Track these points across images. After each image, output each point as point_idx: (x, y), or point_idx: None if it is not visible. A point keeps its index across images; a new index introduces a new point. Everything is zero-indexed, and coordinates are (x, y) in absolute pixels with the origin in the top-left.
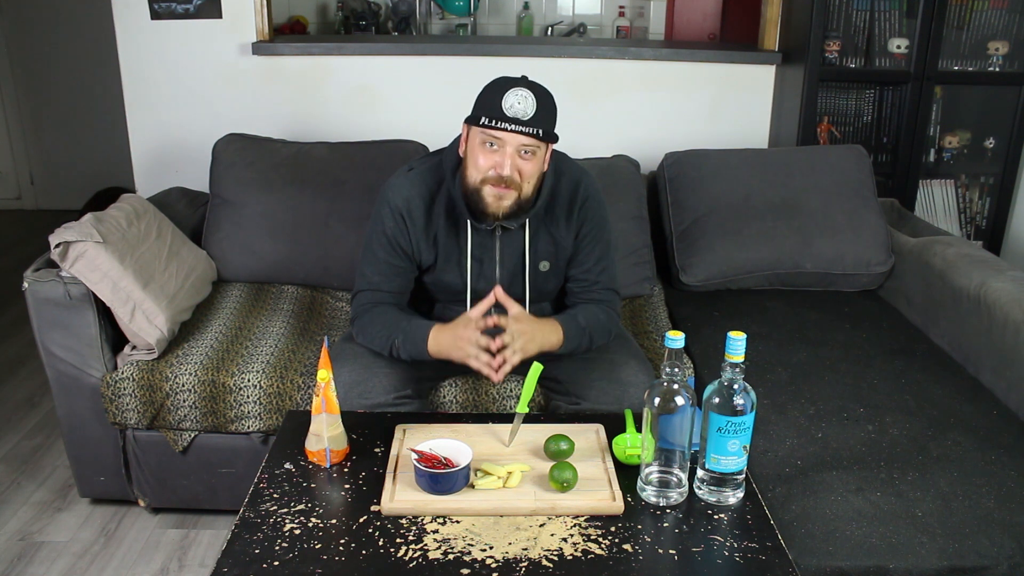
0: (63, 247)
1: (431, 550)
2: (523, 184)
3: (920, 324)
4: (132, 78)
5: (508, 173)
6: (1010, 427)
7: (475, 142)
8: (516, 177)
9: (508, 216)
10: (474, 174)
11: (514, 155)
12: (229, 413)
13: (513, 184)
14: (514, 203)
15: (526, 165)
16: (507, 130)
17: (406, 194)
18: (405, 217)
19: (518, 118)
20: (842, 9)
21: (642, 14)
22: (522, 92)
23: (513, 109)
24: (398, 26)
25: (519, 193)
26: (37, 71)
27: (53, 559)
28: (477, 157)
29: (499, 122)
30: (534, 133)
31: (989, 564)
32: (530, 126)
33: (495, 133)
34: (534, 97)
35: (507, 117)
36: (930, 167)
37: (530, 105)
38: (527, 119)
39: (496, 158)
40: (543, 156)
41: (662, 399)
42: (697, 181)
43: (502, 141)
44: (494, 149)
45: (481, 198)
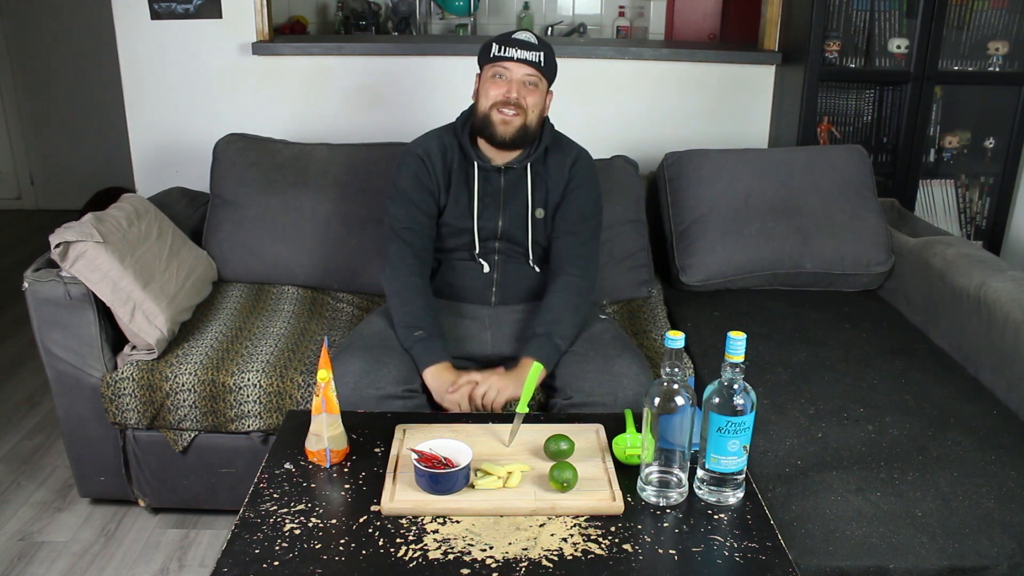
0: (63, 247)
1: (431, 550)
2: (528, 112)
3: (920, 324)
4: (132, 78)
5: (514, 95)
6: (1010, 427)
7: (486, 77)
8: (522, 102)
9: (515, 140)
10: (484, 103)
11: (520, 83)
12: (229, 413)
13: (520, 108)
14: (520, 127)
15: (530, 94)
16: (514, 58)
17: (425, 145)
18: (425, 160)
19: (524, 44)
20: (842, 9)
21: (642, 14)
22: (526, 32)
23: (519, 40)
24: (398, 26)
25: (524, 120)
26: (37, 71)
27: (53, 559)
28: (488, 89)
29: (507, 48)
30: (537, 60)
31: (989, 564)
32: (534, 51)
33: (503, 65)
34: (538, 40)
35: (516, 41)
36: (930, 167)
37: (534, 42)
38: (532, 47)
39: (504, 86)
40: (544, 94)
41: (662, 399)
42: (697, 181)
43: (508, 71)
44: (502, 79)
45: (491, 121)
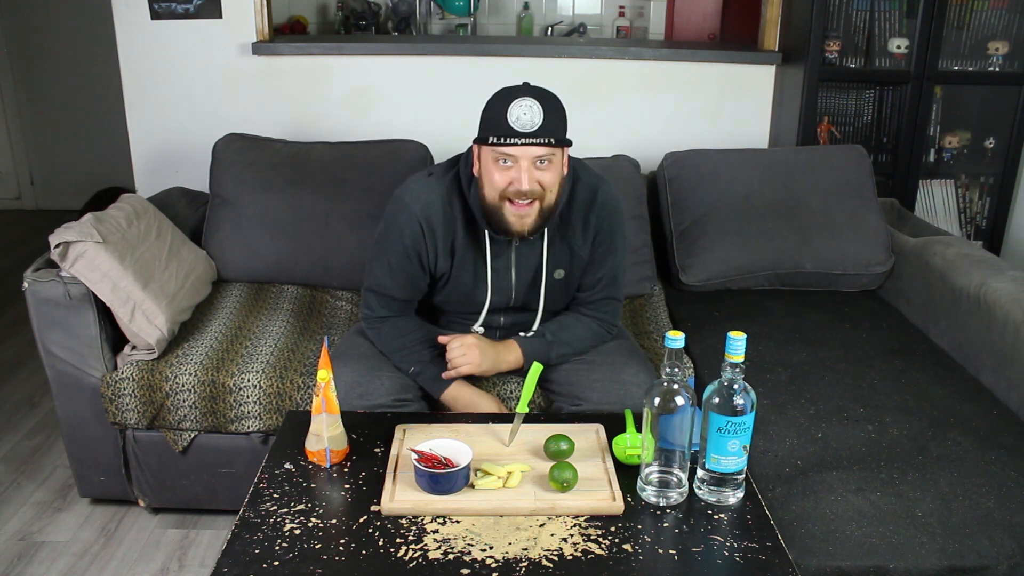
0: (63, 247)
1: (431, 550)
2: (546, 193)
3: (920, 324)
4: (132, 78)
5: (527, 188)
6: (1010, 427)
7: (487, 160)
8: (537, 188)
9: (534, 231)
10: (491, 192)
11: (530, 168)
12: (229, 413)
13: (535, 195)
14: (538, 217)
15: (545, 175)
16: (518, 144)
17: (426, 200)
18: (424, 225)
19: (526, 130)
20: (842, 9)
21: (642, 14)
22: (527, 102)
23: (520, 121)
24: (398, 26)
25: (542, 203)
26: (37, 71)
27: (53, 559)
28: (492, 175)
29: (508, 138)
30: (546, 142)
31: (989, 564)
32: (541, 136)
33: (506, 150)
34: (540, 105)
35: (515, 131)
36: (930, 167)
37: (537, 114)
38: (536, 129)
39: (512, 174)
40: (560, 162)
41: (662, 399)
42: (697, 181)
43: (515, 156)
44: (508, 166)
45: (503, 217)
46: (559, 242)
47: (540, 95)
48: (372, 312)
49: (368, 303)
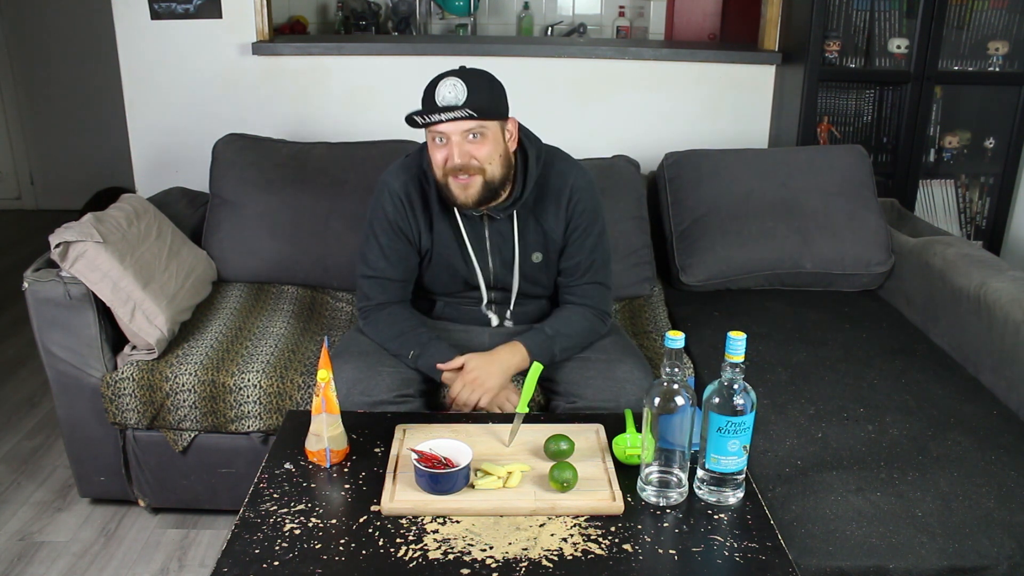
0: (63, 247)
1: (431, 550)
2: (484, 167)
3: (920, 324)
4: (132, 78)
5: (460, 161)
6: (1010, 427)
7: (428, 141)
8: (472, 163)
9: (481, 201)
10: (436, 171)
11: (460, 143)
12: (229, 413)
13: (472, 170)
14: (482, 188)
15: (478, 148)
16: (442, 120)
17: (403, 178)
18: (403, 201)
19: (448, 105)
20: (842, 9)
21: (642, 14)
22: (451, 80)
23: (444, 99)
24: (398, 26)
25: (483, 176)
26: (37, 71)
27: (53, 559)
28: (433, 154)
29: (430, 115)
30: (465, 116)
31: (989, 564)
32: (461, 109)
33: (436, 128)
34: (463, 82)
35: (437, 107)
36: (930, 167)
37: (461, 91)
38: (458, 103)
39: (444, 150)
40: (498, 136)
41: (662, 399)
42: (697, 181)
43: (445, 133)
44: (443, 144)
45: (450, 191)
46: (533, 225)
47: (467, 73)
48: (369, 301)
49: (364, 292)
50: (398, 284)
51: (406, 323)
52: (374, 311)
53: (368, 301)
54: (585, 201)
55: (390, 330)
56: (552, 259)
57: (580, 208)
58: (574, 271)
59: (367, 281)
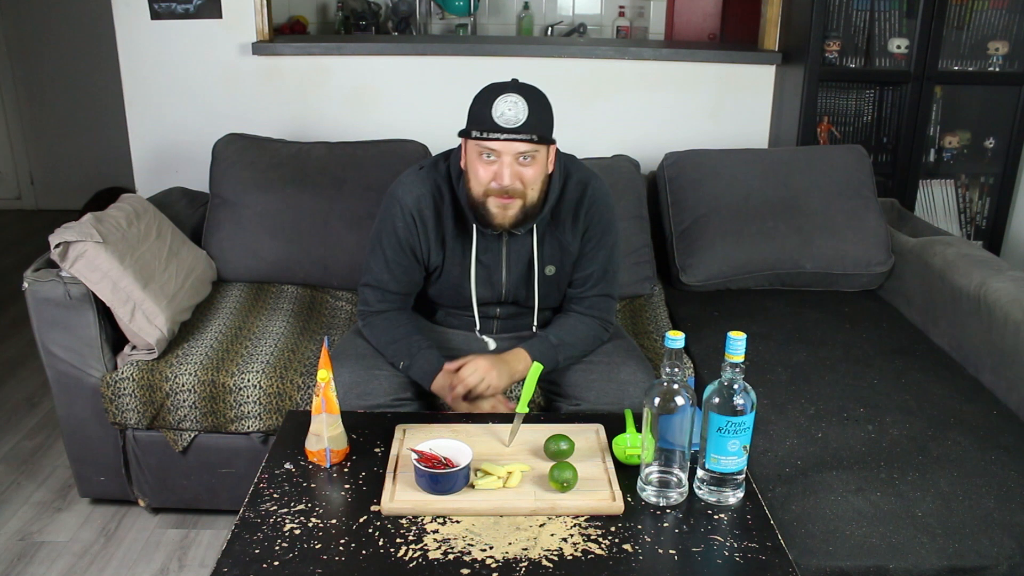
0: (63, 247)
1: (431, 550)
2: (527, 191)
3: (920, 324)
4: (132, 78)
5: (508, 183)
6: (1010, 427)
7: (472, 154)
8: (518, 185)
9: (516, 225)
10: (476, 187)
11: (512, 163)
12: (229, 413)
13: (516, 193)
14: (520, 211)
15: (527, 171)
16: (499, 139)
17: (417, 192)
18: (415, 217)
19: (509, 126)
20: (842, 9)
21: (642, 14)
22: (511, 98)
23: (504, 117)
24: (398, 26)
25: (524, 200)
26: (37, 71)
27: (53, 559)
28: (477, 169)
29: (490, 133)
30: (527, 139)
31: (989, 564)
32: (522, 132)
33: (489, 144)
34: (524, 101)
35: (498, 126)
36: (930, 167)
37: (521, 110)
38: (519, 125)
39: (494, 169)
40: (544, 159)
41: (662, 399)
42: (697, 181)
43: (497, 152)
44: (491, 160)
45: (487, 210)
46: (549, 238)
47: (526, 92)
48: (368, 307)
49: (365, 298)
50: (399, 296)
51: (401, 330)
52: (372, 316)
53: (367, 307)
54: (602, 212)
55: (385, 336)
56: (566, 271)
57: (597, 219)
58: (584, 282)
59: (368, 289)
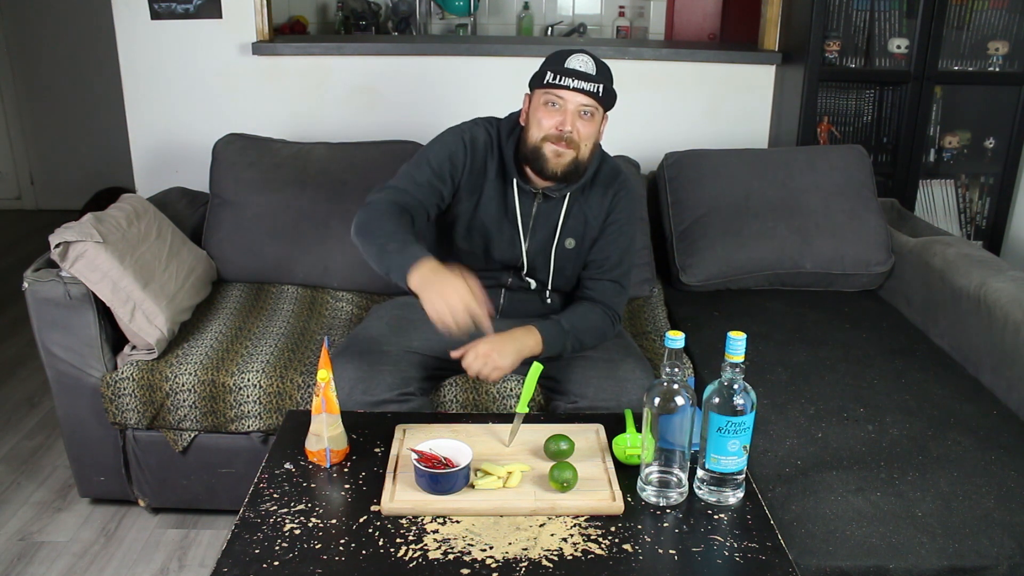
0: (63, 247)
1: (431, 550)
2: (581, 144)
3: (920, 324)
4: (132, 78)
5: (569, 128)
6: (1010, 427)
7: (538, 103)
8: (575, 136)
9: (566, 175)
10: (536, 132)
11: (574, 114)
12: (229, 413)
13: (572, 142)
14: (572, 162)
15: (585, 127)
16: (570, 87)
17: (476, 133)
18: (468, 147)
19: (582, 73)
20: (842, 9)
21: (642, 14)
22: (584, 57)
23: (577, 69)
24: (398, 26)
25: (577, 153)
26: (37, 71)
27: (53, 559)
28: (540, 117)
29: (563, 78)
30: (595, 91)
31: (989, 564)
32: (591, 85)
33: (558, 93)
34: (594, 62)
35: (571, 72)
36: (930, 167)
37: (591, 67)
38: (590, 76)
39: (558, 116)
40: (599, 121)
41: (662, 399)
42: (697, 181)
43: (564, 100)
44: (556, 108)
45: (542, 154)
46: (576, 210)
47: (598, 59)
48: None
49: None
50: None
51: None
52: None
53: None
54: (629, 199)
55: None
56: (584, 248)
57: (623, 203)
58: (601, 264)
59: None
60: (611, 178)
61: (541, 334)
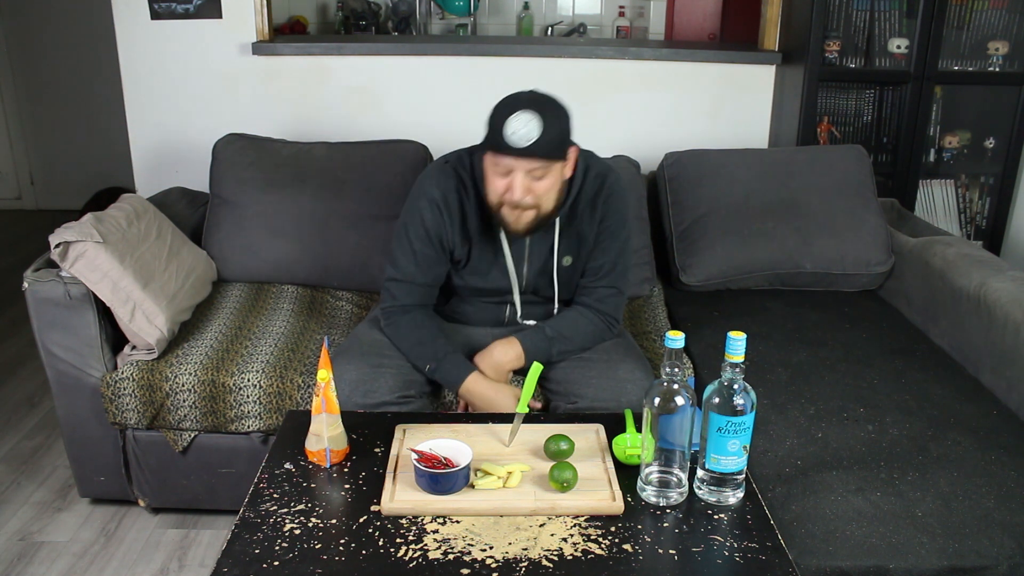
0: (63, 247)
1: (431, 550)
2: (540, 202)
3: (920, 324)
4: (132, 78)
5: (519, 197)
6: (1010, 427)
7: (488, 164)
8: (530, 199)
9: (531, 231)
10: (491, 195)
11: (524, 178)
12: (229, 413)
13: (528, 205)
14: (534, 220)
15: (539, 184)
16: (512, 156)
17: (444, 186)
18: (442, 208)
19: (520, 145)
20: (842, 9)
21: (642, 14)
22: (525, 116)
23: (517, 135)
24: (398, 26)
25: (538, 210)
26: (37, 71)
27: (53, 559)
28: (491, 180)
29: (503, 150)
30: (541, 152)
31: (989, 564)
32: (531, 153)
33: (503, 160)
34: (538, 119)
35: (509, 145)
36: (930, 167)
37: (534, 128)
38: (530, 144)
39: (507, 182)
40: (559, 171)
41: (662, 399)
42: (697, 181)
43: (511, 166)
44: (505, 174)
45: (502, 218)
46: (568, 230)
47: (542, 106)
48: (395, 301)
49: (391, 293)
50: (425, 289)
51: (426, 332)
52: (397, 314)
53: (393, 302)
54: (618, 203)
55: (410, 335)
56: (581, 260)
57: (613, 209)
58: (595, 272)
59: (394, 284)
60: (597, 188)
61: (522, 345)
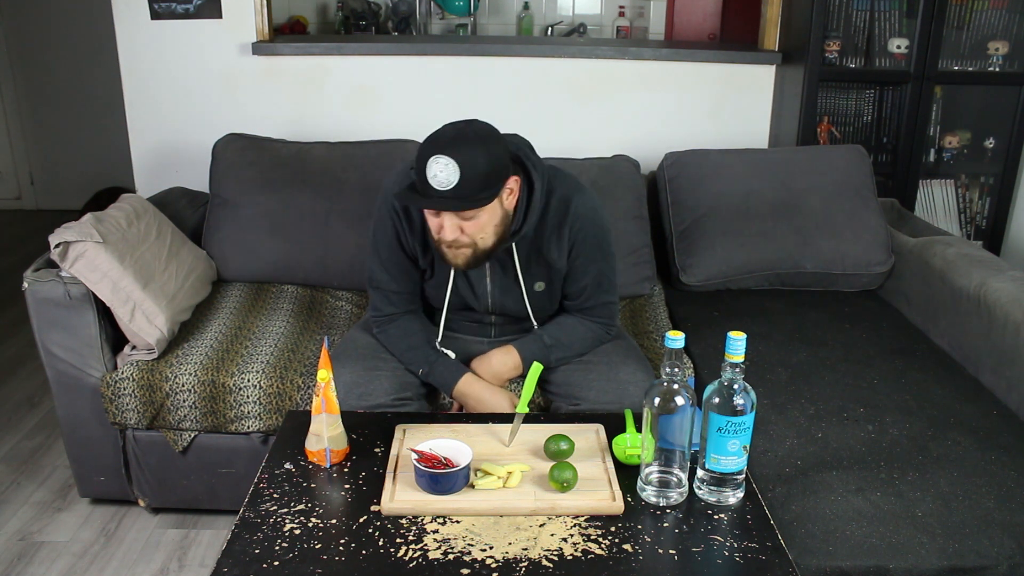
0: (63, 247)
1: (431, 550)
2: (475, 239)
3: (920, 324)
4: (132, 78)
5: (450, 238)
6: (1010, 427)
7: None
8: (463, 238)
9: (471, 266)
10: (430, 231)
11: (453, 218)
12: (229, 413)
13: (461, 244)
14: (471, 256)
15: (470, 224)
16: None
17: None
18: (401, 215)
19: (440, 189)
20: (842, 9)
21: (642, 14)
22: (443, 161)
23: (436, 180)
24: (398, 26)
25: (474, 247)
26: (37, 71)
27: (53, 559)
28: (427, 216)
29: (426, 194)
30: (463, 199)
31: (989, 564)
32: (445, 200)
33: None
34: (455, 165)
35: (425, 190)
36: (930, 167)
37: (452, 174)
38: (448, 189)
39: (438, 221)
40: (492, 207)
41: (662, 399)
42: (697, 181)
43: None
44: (435, 214)
45: (442, 253)
46: (535, 257)
47: (461, 150)
48: (379, 312)
49: (374, 303)
50: (403, 295)
51: (416, 337)
52: (384, 322)
53: (378, 312)
54: (587, 228)
55: (400, 343)
56: (556, 286)
57: (582, 236)
58: (580, 294)
59: (374, 292)
60: (562, 214)
61: (520, 354)
